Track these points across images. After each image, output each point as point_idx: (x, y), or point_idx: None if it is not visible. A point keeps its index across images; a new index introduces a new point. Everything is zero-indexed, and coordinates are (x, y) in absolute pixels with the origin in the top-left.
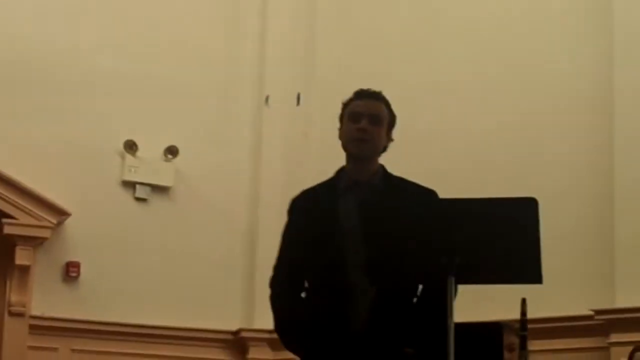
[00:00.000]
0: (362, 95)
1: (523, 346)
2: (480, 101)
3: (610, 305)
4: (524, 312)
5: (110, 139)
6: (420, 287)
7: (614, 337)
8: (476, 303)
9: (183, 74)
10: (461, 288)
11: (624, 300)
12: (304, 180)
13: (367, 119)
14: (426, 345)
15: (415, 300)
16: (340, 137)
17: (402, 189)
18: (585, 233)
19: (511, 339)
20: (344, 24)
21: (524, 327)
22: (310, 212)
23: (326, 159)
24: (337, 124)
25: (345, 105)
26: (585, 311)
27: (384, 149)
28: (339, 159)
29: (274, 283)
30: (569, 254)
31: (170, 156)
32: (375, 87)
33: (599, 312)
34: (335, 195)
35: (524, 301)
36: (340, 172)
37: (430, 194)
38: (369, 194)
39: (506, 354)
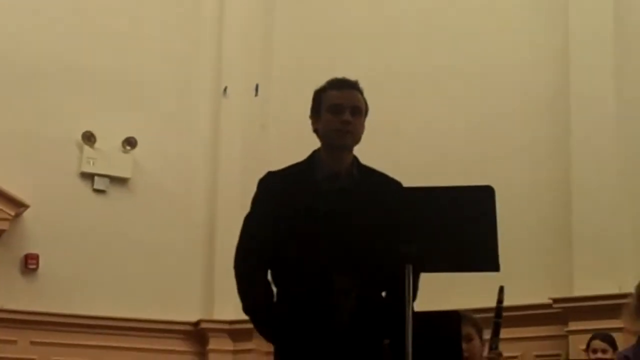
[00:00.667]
0: (341, 85)
1: (496, 333)
2: (439, 93)
3: (569, 293)
4: (500, 300)
5: (68, 130)
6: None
7: (573, 325)
8: (436, 292)
9: (141, 66)
10: (427, 277)
11: (581, 288)
12: (262, 171)
13: (349, 111)
14: (399, 334)
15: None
16: (317, 127)
17: (374, 180)
18: (544, 223)
19: (468, 330)
20: (301, 16)
21: (499, 314)
22: (287, 199)
23: (284, 149)
24: (296, 115)
25: (319, 93)
26: (544, 300)
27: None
28: (297, 150)
29: (242, 263)
30: (528, 244)
31: (128, 148)
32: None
33: (557, 300)
34: (315, 184)
35: (501, 289)
36: (312, 160)
37: (396, 184)
38: (351, 185)
39: (463, 344)
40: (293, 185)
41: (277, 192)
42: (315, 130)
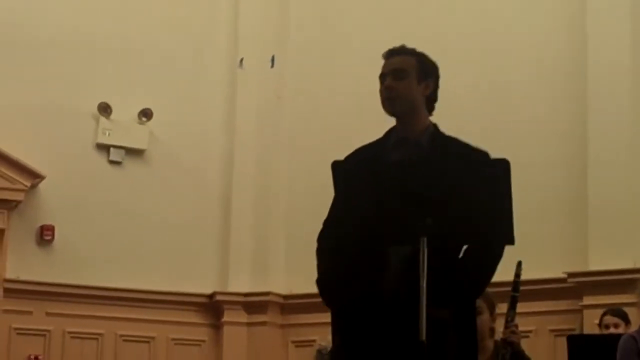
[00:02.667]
0: (387, 54)
1: (513, 306)
2: (456, 64)
3: (584, 268)
4: (517, 274)
5: (84, 101)
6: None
7: (587, 300)
8: None
9: (157, 37)
10: None
11: (597, 263)
12: (278, 142)
13: (390, 77)
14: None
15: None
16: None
17: (449, 149)
18: (559, 198)
19: (478, 303)
20: None
21: (516, 289)
22: (357, 172)
23: (299, 121)
24: (311, 87)
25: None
26: (558, 274)
27: (431, 101)
28: (312, 121)
29: (321, 238)
30: (543, 218)
31: (144, 119)
32: (348, 51)
33: (572, 274)
34: (383, 152)
35: (519, 264)
36: (392, 129)
37: (481, 153)
38: (414, 152)
39: None
40: (368, 155)
41: (351, 170)
42: None
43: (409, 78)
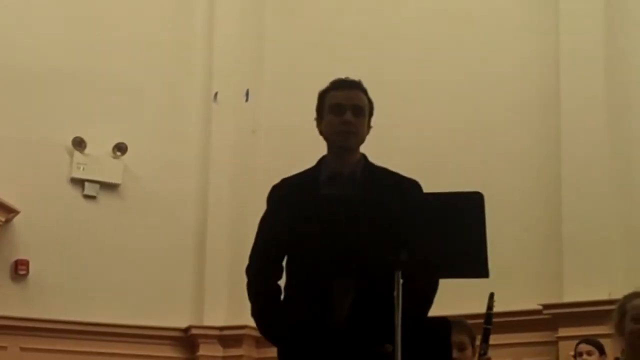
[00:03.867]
0: (342, 85)
1: (486, 339)
2: (430, 100)
3: (559, 300)
4: (490, 306)
5: (58, 136)
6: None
7: (562, 332)
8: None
9: (131, 71)
10: None
11: (572, 294)
12: (253, 176)
13: (350, 111)
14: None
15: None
16: (321, 129)
17: (382, 180)
18: (534, 229)
19: (462, 338)
20: (292, 21)
21: (488, 321)
22: (290, 203)
23: (275, 155)
24: (286, 121)
25: (323, 95)
26: (534, 306)
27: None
28: (287, 155)
29: (250, 271)
30: (519, 250)
31: (119, 153)
32: (324, 84)
33: (547, 306)
34: (316, 186)
35: (491, 296)
36: (322, 162)
37: (411, 183)
38: (349, 187)
39: (455, 353)
40: (297, 189)
41: (282, 197)
42: (320, 132)
43: (364, 116)
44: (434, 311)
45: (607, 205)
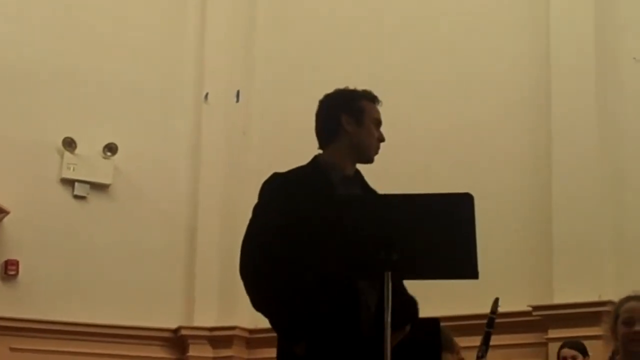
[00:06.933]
0: (377, 101)
1: (486, 342)
2: (421, 100)
3: (549, 301)
4: (493, 311)
5: (48, 136)
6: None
7: (552, 333)
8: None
9: (122, 71)
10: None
11: (562, 296)
12: (244, 177)
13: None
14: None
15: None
16: (351, 129)
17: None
18: (524, 231)
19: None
20: (283, 23)
21: (490, 325)
22: (303, 200)
23: (265, 155)
24: (277, 122)
25: (361, 100)
26: (523, 307)
27: None
28: (278, 155)
29: (258, 246)
30: (508, 251)
31: (109, 153)
32: (314, 86)
33: (537, 307)
34: (330, 186)
35: (496, 301)
36: (319, 162)
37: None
38: (358, 188)
39: None
40: (307, 187)
41: (290, 194)
42: (346, 132)
43: None
44: (425, 312)
45: (597, 207)
